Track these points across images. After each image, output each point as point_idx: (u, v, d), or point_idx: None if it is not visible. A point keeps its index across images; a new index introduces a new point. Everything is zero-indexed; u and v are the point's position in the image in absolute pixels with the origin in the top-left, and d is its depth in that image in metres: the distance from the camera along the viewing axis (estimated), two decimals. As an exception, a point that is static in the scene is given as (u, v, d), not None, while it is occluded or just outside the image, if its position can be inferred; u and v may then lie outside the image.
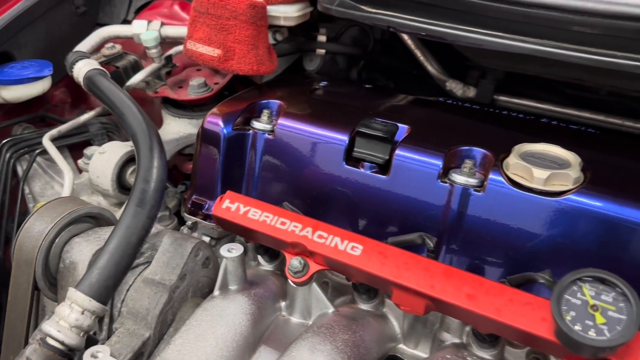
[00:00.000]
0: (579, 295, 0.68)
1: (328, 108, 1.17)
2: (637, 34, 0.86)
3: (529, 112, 1.36)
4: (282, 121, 1.10)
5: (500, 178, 0.91)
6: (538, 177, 0.88)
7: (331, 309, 0.94)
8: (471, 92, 1.44)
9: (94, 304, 0.82)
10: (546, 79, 1.44)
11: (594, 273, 0.68)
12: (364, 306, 0.98)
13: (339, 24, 1.54)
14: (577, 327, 0.66)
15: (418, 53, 1.43)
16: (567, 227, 0.86)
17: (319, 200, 1.06)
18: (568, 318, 0.66)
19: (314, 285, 0.94)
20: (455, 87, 1.45)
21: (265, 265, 1.07)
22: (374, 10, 1.04)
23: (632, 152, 1.05)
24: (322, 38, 1.43)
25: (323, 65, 1.52)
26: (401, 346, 0.97)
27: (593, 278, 0.68)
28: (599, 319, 0.66)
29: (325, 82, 1.33)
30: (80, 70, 1.27)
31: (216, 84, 1.45)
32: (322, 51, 1.44)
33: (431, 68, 1.45)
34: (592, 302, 0.67)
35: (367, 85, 1.43)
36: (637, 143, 1.16)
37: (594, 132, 1.14)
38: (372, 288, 0.95)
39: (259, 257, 1.07)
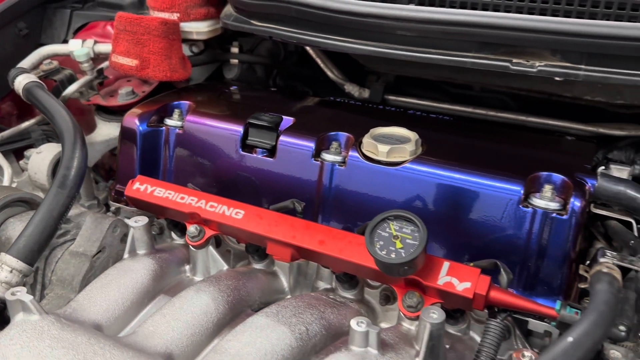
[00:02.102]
0: (387, 230, 0.90)
1: (230, 106, 1.38)
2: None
3: (414, 108, 1.61)
4: (189, 118, 1.31)
5: (356, 154, 1.14)
6: (382, 151, 1.11)
7: (226, 267, 1.15)
8: (366, 93, 1.68)
9: (20, 264, 1.00)
10: (429, 79, 1.69)
11: (397, 213, 0.90)
12: (256, 265, 1.18)
13: (254, 37, 1.77)
14: (383, 252, 0.88)
15: (319, 61, 1.67)
16: (406, 190, 1.09)
17: (221, 181, 1.27)
18: (377, 247, 0.88)
19: (211, 248, 1.14)
20: (352, 89, 1.69)
21: (177, 240, 1.27)
22: (259, 24, 1.27)
23: (469, 133, 1.30)
24: (235, 50, 1.65)
25: (241, 74, 1.74)
26: (288, 297, 1.17)
27: (397, 217, 0.90)
28: (398, 245, 0.88)
29: (235, 87, 1.54)
30: (20, 83, 1.46)
31: (143, 92, 1.65)
32: (236, 61, 1.66)
33: (331, 74, 1.68)
34: (395, 233, 0.89)
35: (272, 89, 1.65)
36: (481, 127, 1.41)
37: (445, 118, 1.39)
38: (260, 248, 1.16)
39: (172, 233, 1.27)
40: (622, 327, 0.81)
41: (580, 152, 1.15)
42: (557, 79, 1.03)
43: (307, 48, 1.67)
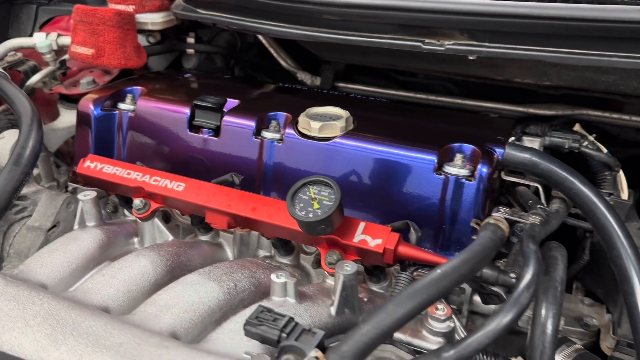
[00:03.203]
0: (307, 193, 0.99)
1: (181, 91, 1.46)
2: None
3: (362, 94, 1.70)
4: (141, 102, 1.39)
5: (293, 132, 1.23)
6: (314, 127, 1.20)
7: (171, 238, 1.23)
8: (317, 81, 1.77)
9: (-26, 234, 1.08)
10: (377, 67, 1.79)
11: (316, 178, 0.99)
12: (202, 237, 1.27)
13: (212, 28, 1.86)
14: (302, 213, 0.97)
15: (272, 50, 1.76)
16: (336, 162, 1.18)
17: (171, 160, 1.35)
18: (297, 208, 0.97)
19: (157, 220, 1.23)
20: (305, 77, 1.78)
21: (129, 216, 1.35)
22: (204, 12, 1.36)
23: (399, 113, 1.40)
24: (190, 40, 1.73)
25: (200, 64, 1.83)
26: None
27: (316, 181, 0.99)
28: (316, 206, 0.97)
29: (189, 75, 1.63)
30: (-17, 74, 1.54)
31: (104, 82, 1.73)
32: (192, 51, 1.74)
33: (284, 63, 1.77)
34: (313, 196, 0.98)
35: (226, 77, 1.74)
36: (412, 108, 1.51)
37: (381, 101, 1.49)
38: (205, 221, 1.24)
39: (125, 210, 1.35)
40: (512, 275, 0.90)
41: (498, 127, 1.25)
42: (470, 57, 1.13)
43: (261, 38, 1.76)
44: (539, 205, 1.02)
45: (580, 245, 1.25)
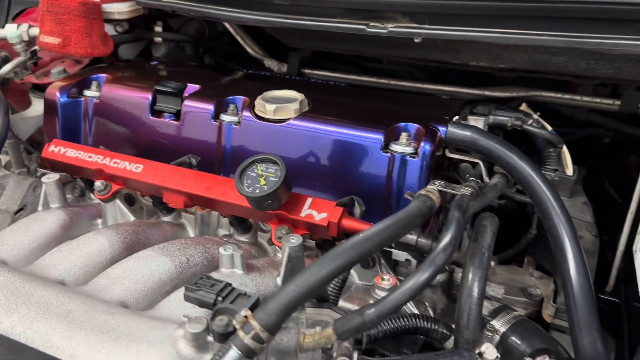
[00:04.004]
0: (255, 170, 1.03)
1: (145, 78, 1.50)
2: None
3: (327, 80, 1.75)
4: (105, 89, 1.43)
5: (249, 114, 1.27)
6: (269, 109, 1.24)
7: (133, 219, 1.27)
8: (284, 68, 1.82)
9: (-62, 215, 1.12)
10: (343, 54, 1.83)
11: (263, 156, 1.04)
12: (164, 218, 1.31)
13: (182, 17, 1.89)
14: (250, 189, 1.01)
15: (239, 38, 1.80)
16: (291, 143, 1.22)
17: (135, 144, 1.39)
18: (245, 185, 1.02)
19: (118, 202, 1.27)
20: (271, 64, 1.82)
21: (96, 200, 1.39)
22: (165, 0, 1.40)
23: (355, 96, 1.44)
24: (158, 29, 1.77)
25: (169, 52, 1.86)
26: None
27: (263, 159, 1.04)
28: (262, 182, 1.02)
29: (156, 62, 1.67)
30: (-45, 64, 1.58)
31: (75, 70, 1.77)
32: (160, 39, 1.78)
33: (250, 50, 1.81)
34: (260, 173, 1.03)
35: (192, 64, 1.78)
36: (368, 92, 1.55)
37: (340, 85, 1.54)
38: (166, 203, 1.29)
39: (91, 194, 1.40)
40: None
41: (447, 108, 1.30)
42: (416, 40, 1.17)
43: (228, 26, 1.80)
44: (472, 179, 1.06)
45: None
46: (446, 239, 0.79)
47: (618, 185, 1.67)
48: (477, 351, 0.77)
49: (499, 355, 0.75)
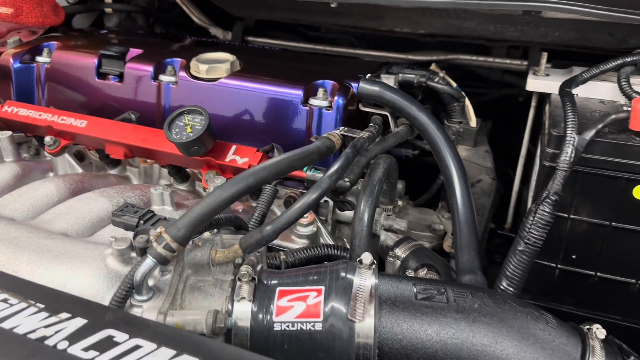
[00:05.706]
0: (182, 121, 1.17)
1: (92, 44, 1.62)
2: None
3: (271, 47, 1.88)
4: (56, 54, 1.54)
5: (185, 74, 1.40)
6: (202, 69, 1.37)
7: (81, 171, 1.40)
8: (229, 36, 1.94)
9: None
10: (287, 23, 1.96)
11: (190, 108, 1.18)
12: (111, 171, 1.45)
13: (133, -10, 1.99)
14: (177, 136, 1.15)
15: (184, 7, 1.91)
16: (222, 100, 1.36)
17: (84, 105, 1.51)
18: (173, 133, 1.16)
19: (67, 156, 1.40)
20: (217, 32, 1.94)
21: (48, 156, 1.51)
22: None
23: (285, 59, 1.59)
24: (109, 0, 1.87)
25: (121, 22, 1.97)
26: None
27: (190, 111, 1.17)
28: (189, 130, 1.16)
29: (105, 31, 1.78)
30: None
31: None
32: (111, 10, 1.89)
33: (196, 19, 1.93)
34: (187, 123, 1.16)
35: (140, 32, 1.89)
36: (298, 55, 1.69)
37: (274, 49, 1.68)
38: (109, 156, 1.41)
39: (45, 153, 1.52)
40: (347, 179, 1.11)
41: (364, 68, 1.44)
42: (332, 5, 1.31)
43: (176, -3, 1.91)
44: (372, 125, 1.22)
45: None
46: (333, 168, 0.94)
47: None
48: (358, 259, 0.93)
49: (375, 261, 0.91)
